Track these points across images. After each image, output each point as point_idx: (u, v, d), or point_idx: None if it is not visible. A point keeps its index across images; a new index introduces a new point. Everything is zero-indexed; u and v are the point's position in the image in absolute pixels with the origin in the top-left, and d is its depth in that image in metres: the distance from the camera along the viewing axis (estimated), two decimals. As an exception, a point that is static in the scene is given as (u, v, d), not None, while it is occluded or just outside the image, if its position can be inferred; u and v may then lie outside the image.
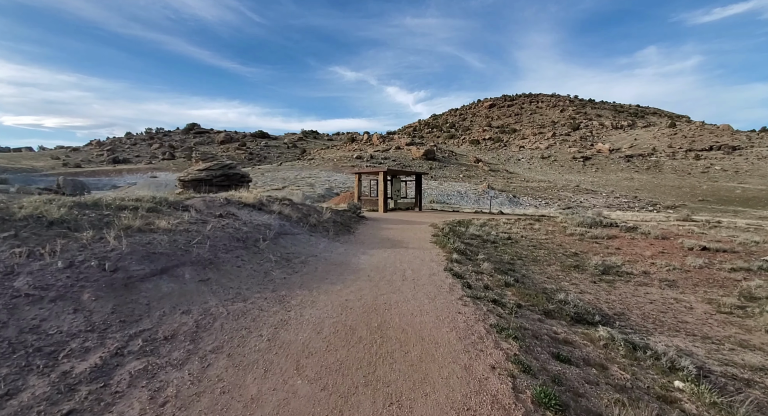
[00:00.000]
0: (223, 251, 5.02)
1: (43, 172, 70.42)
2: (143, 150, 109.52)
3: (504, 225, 13.93)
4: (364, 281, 5.17)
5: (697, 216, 22.57)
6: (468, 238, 10.79)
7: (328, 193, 37.30)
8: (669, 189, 64.27)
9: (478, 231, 11.83)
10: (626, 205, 46.15)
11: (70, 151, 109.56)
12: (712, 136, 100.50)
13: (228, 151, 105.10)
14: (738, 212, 40.43)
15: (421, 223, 13.08)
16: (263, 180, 47.18)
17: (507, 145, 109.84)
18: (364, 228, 11.01)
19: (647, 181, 72.10)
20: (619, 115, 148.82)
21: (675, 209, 45.74)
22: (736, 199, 52.20)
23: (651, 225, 15.50)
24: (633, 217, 22.33)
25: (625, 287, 6.87)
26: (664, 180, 72.92)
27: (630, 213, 27.39)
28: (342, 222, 10.28)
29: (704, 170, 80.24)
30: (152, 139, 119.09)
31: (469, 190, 47.31)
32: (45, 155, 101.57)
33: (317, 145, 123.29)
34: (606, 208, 44.66)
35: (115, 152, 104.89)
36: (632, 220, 18.45)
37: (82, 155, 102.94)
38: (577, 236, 12.06)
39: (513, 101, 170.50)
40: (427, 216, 15.99)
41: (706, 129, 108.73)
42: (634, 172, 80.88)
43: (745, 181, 67.70)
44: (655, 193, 60.42)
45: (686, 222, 18.86)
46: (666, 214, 26.81)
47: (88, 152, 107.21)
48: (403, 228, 11.66)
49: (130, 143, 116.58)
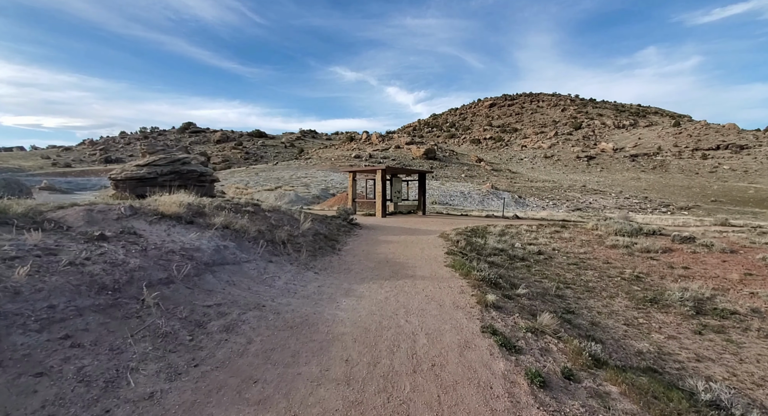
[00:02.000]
0: (46, 322, 2.63)
1: (30, 171, 67.89)
2: (137, 149, 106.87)
3: (526, 234, 11.59)
4: (333, 387, 2.67)
5: (735, 221, 20.16)
6: (490, 254, 8.44)
7: (323, 194, 34.87)
8: (678, 189, 62.07)
9: (499, 244, 9.47)
10: (638, 207, 43.85)
11: (62, 150, 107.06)
12: (718, 135, 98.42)
13: (224, 150, 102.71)
14: (758, 214, 38.18)
15: (428, 233, 10.73)
16: (256, 180, 44.77)
17: (509, 145, 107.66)
18: (355, 242, 8.82)
19: (655, 180, 69.92)
20: (621, 114, 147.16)
21: (689, 210, 43.51)
22: (750, 199, 49.96)
23: (698, 232, 13.09)
24: (663, 222, 19.88)
25: (750, 342, 4.51)
26: (672, 180, 70.75)
27: (654, 216, 25.04)
28: (326, 234, 7.93)
29: (712, 170, 78.08)
30: (146, 139, 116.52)
31: (472, 191, 44.96)
32: (36, 155, 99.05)
33: (315, 144, 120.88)
34: (617, 209, 42.41)
35: (108, 152, 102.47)
36: (669, 226, 16.06)
37: (74, 155, 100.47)
38: (623, 249, 9.70)
39: (513, 100, 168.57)
40: (433, 222, 13.60)
41: (711, 128, 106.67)
42: (641, 171, 78.69)
43: (756, 180, 65.54)
44: (665, 193, 58.23)
45: (726, 227, 16.50)
46: (698, 218, 24.37)
47: (80, 152, 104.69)
48: (405, 240, 9.37)
49: (124, 142, 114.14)
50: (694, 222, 17.40)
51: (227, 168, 78.27)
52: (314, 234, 7.33)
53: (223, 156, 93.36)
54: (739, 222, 20.52)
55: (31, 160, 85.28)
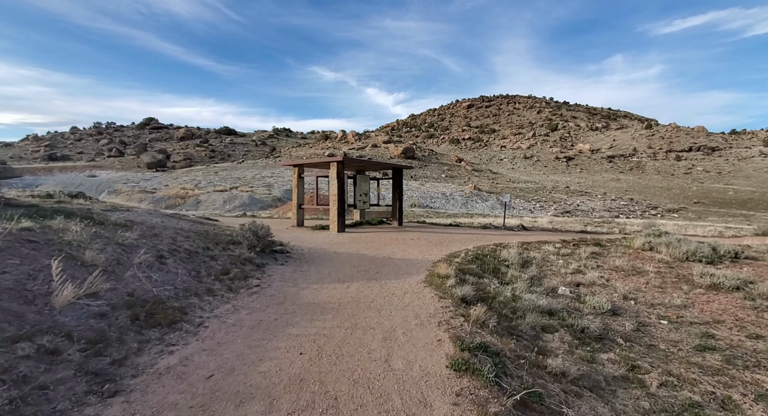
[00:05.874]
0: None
1: (-47, 169, 59.19)
2: (89, 146, 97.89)
3: (557, 261, 7.86)
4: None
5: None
6: (537, 331, 4.42)
7: (286, 196, 30.27)
8: (658, 190, 61.40)
9: (538, 296, 5.48)
10: (626, 209, 41.74)
11: (1, 147, 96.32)
12: (689, 138, 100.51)
13: (187, 148, 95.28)
14: (749, 216, 36.73)
15: (406, 270, 6.54)
16: (210, 180, 39.45)
17: (488, 145, 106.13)
18: (225, 318, 4.07)
19: (634, 182, 69.39)
20: (593, 117, 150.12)
21: (678, 213, 41.91)
22: (733, 201, 49.27)
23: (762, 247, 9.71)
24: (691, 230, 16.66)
25: None
26: (650, 181, 70.50)
27: (671, 224, 22.09)
28: (155, 300, 3.44)
29: (687, 171, 78.83)
30: (100, 135, 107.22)
31: (454, 192, 41.52)
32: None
33: (289, 143, 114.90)
34: (606, 211, 40.13)
35: (55, 148, 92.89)
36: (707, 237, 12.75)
37: (14, 151, 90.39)
38: (737, 295, 6.03)
39: (491, 102, 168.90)
40: (415, 243, 9.29)
41: (682, 130, 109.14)
42: (619, 172, 78.44)
43: (731, 182, 66.05)
44: (646, 194, 57.25)
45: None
46: (728, 226, 21.52)
47: (22, 148, 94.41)
48: (357, 300, 4.88)
49: (74, 138, 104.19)
50: (734, 232, 14.14)
51: (188, 166, 71.69)
52: (130, 306, 3.10)
53: (186, 154, 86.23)
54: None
55: (-41, 157, 75.27)
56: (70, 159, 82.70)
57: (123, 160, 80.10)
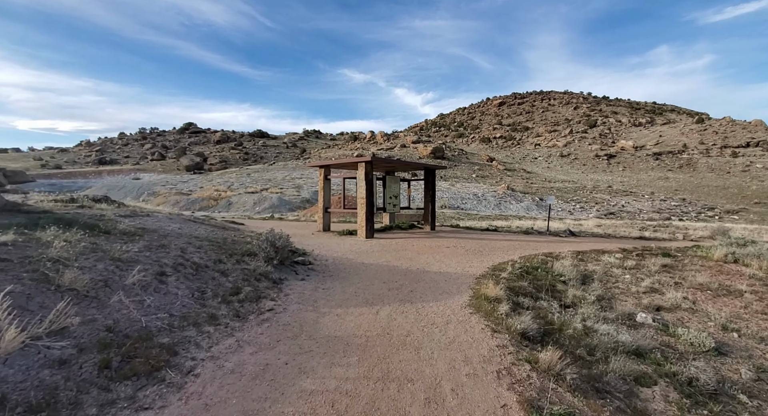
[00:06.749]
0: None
1: (16, 173, 64.37)
2: (134, 150, 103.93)
3: (624, 276, 6.63)
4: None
5: None
6: (630, 379, 3.35)
7: (314, 197, 30.04)
8: (713, 189, 56.10)
9: (616, 331, 4.35)
10: (679, 210, 38.22)
11: (58, 152, 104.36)
12: (746, 132, 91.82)
13: (223, 151, 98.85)
14: (829, 219, 32.45)
15: (444, 281, 5.68)
16: (243, 181, 40.13)
17: (521, 144, 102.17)
18: (228, 358, 3.17)
19: (685, 180, 63.96)
20: (636, 112, 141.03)
21: (737, 214, 37.86)
22: (804, 201, 43.93)
23: None
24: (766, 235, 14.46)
25: None
26: (703, 179, 64.72)
27: (739, 227, 19.60)
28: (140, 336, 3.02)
29: (744, 168, 71.74)
30: (145, 139, 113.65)
31: (486, 192, 39.76)
32: (29, 156, 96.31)
33: (319, 144, 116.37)
34: (655, 213, 36.92)
35: (105, 153, 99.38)
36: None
37: (69, 156, 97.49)
38: None
39: (524, 99, 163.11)
40: (451, 251, 8.39)
41: (737, 124, 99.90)
42: (667, 170, 72.69)
43: (799, 180, 59.25)
44: (699, 194, 52.44)
45: None
46: None
47: (76, 153, 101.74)
48: (391, 320, 4.19)
49: (121, 143, 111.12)
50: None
51: (223, 169, 74.08)
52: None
53: (221, 156, 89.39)
54: None
55: (22, 162, 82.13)
56: (118, 163, 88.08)
57: (164, 163, 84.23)
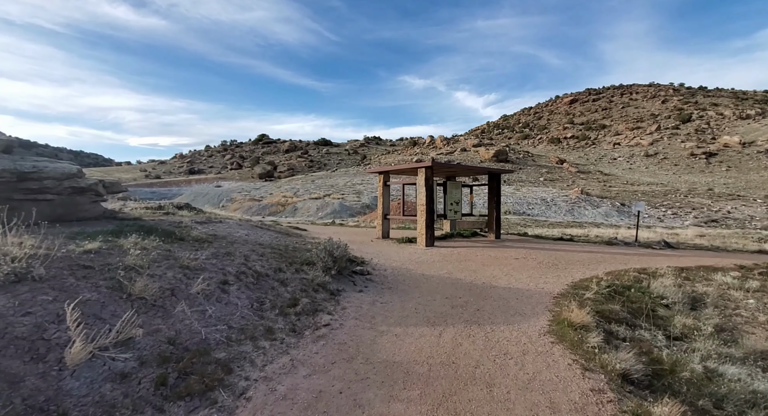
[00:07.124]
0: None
1: (126, 183, 75.62)
2: (217, 161, 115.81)
3: (747, 301, 5.42)
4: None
5: None
6: None
7: (374, 203, 30.38)
8: None
9: (750, 377, 3.46)
10: (809, 218, 31.43)
11: (158, 164, 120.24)
12: None
13: (290, 159, 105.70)
14: None
15: (515, 299, 4.97)
16: (308, 187, 42.15)
17: (596, 143, 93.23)
18: (272, 384, 2.81)
19: (816, 181, 52.67)
20: (743, 102, 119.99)
21: None
22: None
23: None
24: None
25: None
26: (844, 180, 52.76)
27: None
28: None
29: None
30: (225, 151, 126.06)
31: (556, 197, 36.68)
32: (136, 168, 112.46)
33: (379, 150, 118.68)
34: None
35: (194, 164, 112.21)
36: None
37: (166, 167, 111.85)
38: None
39: (600, 94, 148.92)
40: (519, 261, 7.70)
41: None
42: (789, 170, 60.57)
43: None
44: (838, 198, 42.64)
45: None
46: None
47: (171, 164, 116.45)
48: (456, 345, 3.64)
49: (207, 155, 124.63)
50: None
51: (291, 176, 79.01)
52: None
53: (289, 164, 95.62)
54: None
55: (131, 173, 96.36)
56: (204, 172, 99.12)
57: (241, 171, 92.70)
